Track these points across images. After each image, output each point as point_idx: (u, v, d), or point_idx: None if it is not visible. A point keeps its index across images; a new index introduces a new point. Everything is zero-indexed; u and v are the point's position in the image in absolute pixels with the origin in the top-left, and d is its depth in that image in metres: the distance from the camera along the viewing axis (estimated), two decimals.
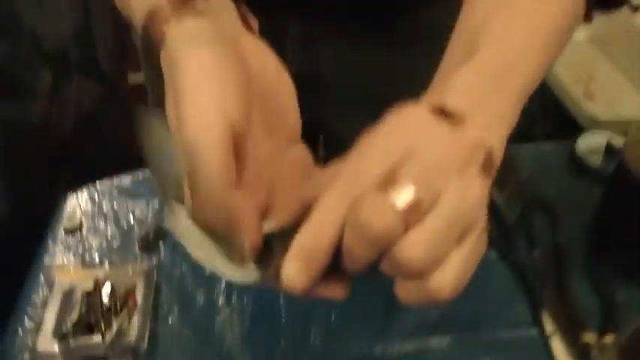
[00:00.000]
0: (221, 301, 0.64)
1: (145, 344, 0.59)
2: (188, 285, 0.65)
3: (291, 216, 0.35)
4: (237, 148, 0.35)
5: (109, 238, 0.70)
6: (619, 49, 1.25)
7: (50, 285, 0.64)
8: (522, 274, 0.67)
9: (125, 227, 0.71)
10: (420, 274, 0.33)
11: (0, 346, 0.61)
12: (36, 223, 0.74)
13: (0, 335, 0.62)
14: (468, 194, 0.33)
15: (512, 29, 0.44)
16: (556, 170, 0.79)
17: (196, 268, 0.66)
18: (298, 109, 0.43)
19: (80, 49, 1.46)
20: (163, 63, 0.39)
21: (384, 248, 0.31)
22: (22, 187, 1.10)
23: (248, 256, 0.35)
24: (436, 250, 0.32)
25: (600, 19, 1.11)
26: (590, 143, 0.78)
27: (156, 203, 0.73)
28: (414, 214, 0.32)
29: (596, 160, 0.77)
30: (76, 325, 0.59)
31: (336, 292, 0.35)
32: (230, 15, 0.42)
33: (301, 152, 0.42)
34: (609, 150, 0.77)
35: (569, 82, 1.20)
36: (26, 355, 0.59)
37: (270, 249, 0.35)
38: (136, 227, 0.71)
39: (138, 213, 0.72)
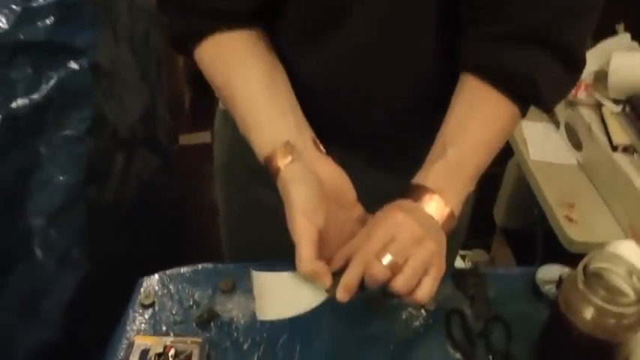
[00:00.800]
0: None
1: None
2: (229, 356, 0.89)
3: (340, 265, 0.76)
4: (320, 235, 0.74)
5: (174, 314, 0.94)
6: (602, 180, 1.47)
7: (130, 346, 0.88)
8: None
9: (186, 307, 0.95)
10: (406, 294, 0.71)
11: None
12: (114, 288, 0.98)
13: None
14: (424, 251, 0.70)
15: (468, 138, 0.80)
16: (518, 293, 1.00)
17: (235, 343, 0.89)
18: (354, 189, 0.82)
19: (144, 129, 1.72)
20: (279, 185, 0.78)
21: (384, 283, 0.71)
22: (101, 259, 1.35)
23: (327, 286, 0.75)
24: (411, 282, 0.70)
25: (589, 149, 1.34)
26: (546, 274, 1.00)
27: (210, 290, 0.97)
28: (396, 268, 0.70)
29: (549, 290, 0.98)
30: None
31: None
32: (309, 145, 0.81)
33: (359, 210, 0.82)
34: (561, 282, 0.99)
35: (555, 204, 1.43)
36: None
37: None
38: (194, 307, 0.94)
39: (196, 297, 0.96)
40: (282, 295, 0.85)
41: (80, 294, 1.27)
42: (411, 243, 0.71)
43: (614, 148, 1.41)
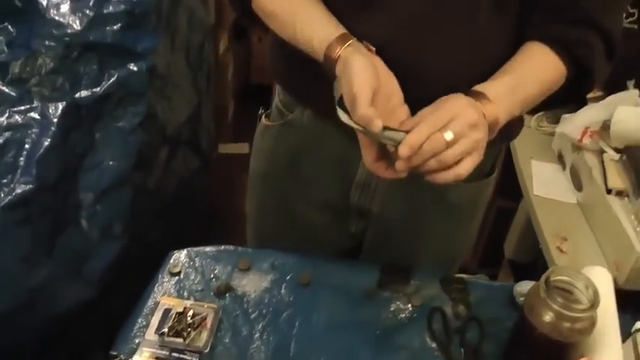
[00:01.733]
0: (257, 334, 1.02)
1: (207, 349, 0.98)
2: (239, 322, 1.04)
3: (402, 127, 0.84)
4: (374, 96, 0.81)
5: (196, 283, 1.10)
6: (596, 219, 1.59)
7: (156, 304, 1.04)
8: None
9: (207, 279, 1.10)
10: (450, 165, 0.82)
11: (121, 335, 1.01)
12: (146, 263, 1.15)
13: (122, 328, 1.02)
14: (475, 136, 0.82)
15: (525, 72, 0.95)
16: (496, 301, 1.12)
17: (245, 313, 1.05)
18: (401, 92, 0.89)
19: (188, 131, 1.90)
20: (338, 67, 0.86)
21: (438, 154, 0.81)
22: (138, 237, 1.52)
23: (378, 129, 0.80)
24: (457, 156, 0.81)
25: (588, 190, 1.47)
26: (523, 288, 1.14)
27: (229, 267, 1.13)
28: (451, 142, 0.80)
29: (522, 301, 1.12)
30: (169, 329, 0.99)
31: (399, 173, 0.85)
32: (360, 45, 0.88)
33: (405, 108, 0.90)
34: None
35: (549, 236, 1.56)
36: (137, 341, 0.99)
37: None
38: (214, 280, 1.10)
39: (217, 271, 1.12)
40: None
41: (117, 263, 1.45)
42: (467, 126, 0.82)
43: (609, 191, 1.54)
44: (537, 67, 0.97)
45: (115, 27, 1.51)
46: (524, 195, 1.76)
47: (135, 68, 1.52)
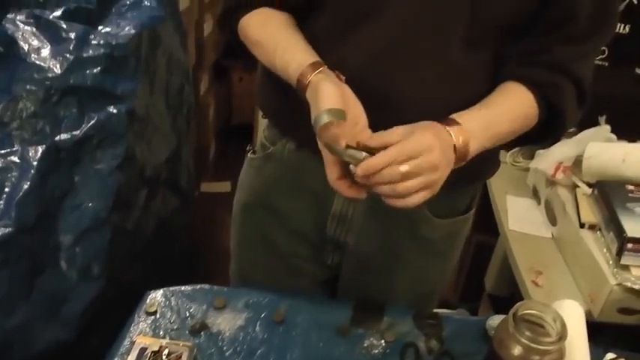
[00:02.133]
0: None
1: None
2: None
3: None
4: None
5: (172, 322, 1.11)
6: (570, 253, 1.62)
7: (132, 344, 1.05)
8: None
9: (183, 317, 1.12)
10: (401, 197, 0.86)
11: None
12: (124, 304, 1.16)
13: None
14: (432, 177, 0.86)
15: (499, 109, 0.99)
16: (469, 335, 1.14)
17: (220, 350, 1.06)
18: (366, 116, 0.91)
19: (168, 171, 1.92)
20: (308, 92, 0.91)
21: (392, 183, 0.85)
22: (117, 278, 1.53)
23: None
24: (410, 190, 0.85)
25: (562, 224, 1.50)
26: (495, 322, 1.16)
27: (204, 306, 1.14)
28: (406, 177, 0.84)
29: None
30: None
31: (361, 193, 0.90)
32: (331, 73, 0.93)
33: (369, 133, 0.91)
34: None
35: (524, 270, 1.58)
36: None
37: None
38: (189, 319, 1.12)
39: (192, 310, 1.13)
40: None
41: (95, 304, 1.45)
42: (427, 166, 0.86)
43: (582, 225, 1.57)
44: (512, 104, 1.02)
45: (94, 70, 1.54)
46: (500, 230, 1.79)
47: (114, 111, 1.54)
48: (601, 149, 1.67)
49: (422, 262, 1.22)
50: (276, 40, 1.01)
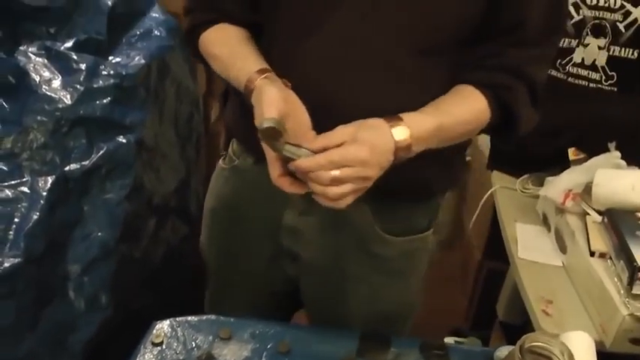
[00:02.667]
0: None
1: None
2: None
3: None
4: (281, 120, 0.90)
5: (178, 353, 1.11)
6: (580, 282, 1.60)
7: None
8: None
9: (189, 348, 1.12)
10: (330, 201, 0.91)
11: None
12: (132, 332, 1.16)
13: None
14: (360, 185, 0.92)
15: (446, 107, 1.01)
16: None
17: None
18: (310, 122, 0.96)
19: (177, 200, 1.92)
20: (253, 96, 0.96)
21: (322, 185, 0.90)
22: (124, 306, 1.54)
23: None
24: (337, 194, 0.90)
25: (572, 252, 1.48)
26: (503, 353, 1.15)
27: (210, 337, 1.14)
28: (336, 181, 0.89)
29: None
30: None
31: (303, 188, 0.95)
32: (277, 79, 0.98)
33: (313, 134, 0.95)
34: None
35: (534, 299, 1.57)
36: None
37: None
38: (195, 350, 1.11)
39: (198, 341, 1.13)
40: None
41: (102, 333, 1.45)
42: (358, 177, 0.91)
43: (592, 254, 1.55)
44: (461, 106, 1.05)
45: (104, 101, 1.55)
46: (510, 258, 1.77)
47: (123, 141, 1.55)
48: (610, 176, 1.66)
49: (376, 279, 1.22)
50: (231, 53, 1.08)
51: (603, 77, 1.88)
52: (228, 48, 1.10)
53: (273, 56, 1.06)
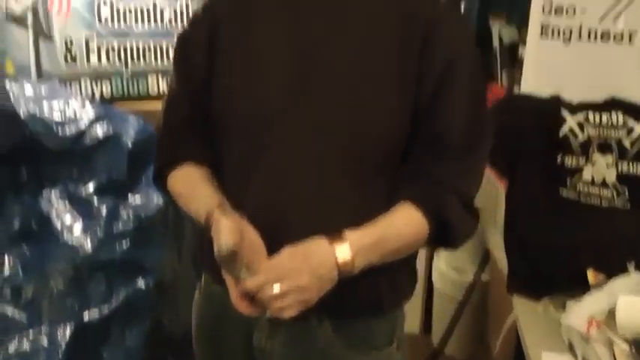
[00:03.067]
0: None
1: None
2: None
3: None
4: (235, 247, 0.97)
5: None
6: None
7: None
8: None
9: None
10: (275, 313, 0.97)
11: None
12: None
13: None
14: (301, 297, 0.98)
15: (386, 227, 1.07)
16: None
17: None
18: (266, 251, 1.02)
19: None
20: (213, 230, 1.01)
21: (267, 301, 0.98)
22: None
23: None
24: (282, 308, 0.97)
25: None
26: None
27: None
28: (279, 296, 0.96)
29: None
30: None
31: (257, 311, 1.00)
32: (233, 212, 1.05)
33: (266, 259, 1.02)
34: None
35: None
36: None
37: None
38: None
39: None
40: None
41: None
42: (296, 289, 0.98)
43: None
44: (400, 222, 1.11)
45: (123, 245, 1.58)
46: None
47: (142, 285, 1.57)
48: (632, 303, 1.63)
49: None
50: (194, 191, 1.18)
51: (615, 194, 1.87)
52: (191, 187, 1.20)
53: (227, 188, 1.17)
